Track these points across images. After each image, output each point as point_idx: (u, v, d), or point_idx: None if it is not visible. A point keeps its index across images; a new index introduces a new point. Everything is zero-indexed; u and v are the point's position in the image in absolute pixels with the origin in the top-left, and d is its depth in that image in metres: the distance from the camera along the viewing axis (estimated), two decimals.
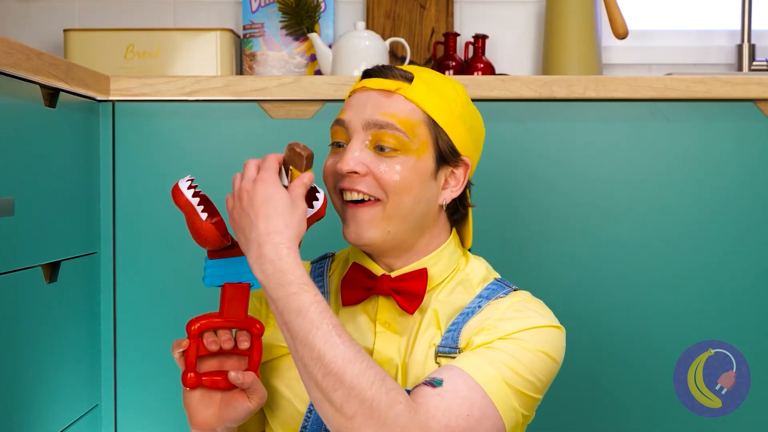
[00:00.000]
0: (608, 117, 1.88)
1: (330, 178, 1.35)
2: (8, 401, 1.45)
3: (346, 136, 1.34)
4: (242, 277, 1.29)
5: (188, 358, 1.28)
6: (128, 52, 2.27)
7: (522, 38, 2.51)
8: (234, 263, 1.29)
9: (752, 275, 1.87)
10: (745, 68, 2.45)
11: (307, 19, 2.37)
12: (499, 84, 1.86)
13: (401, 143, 1.31)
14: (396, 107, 1.33)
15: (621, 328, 1.87)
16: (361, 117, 1.33)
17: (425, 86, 1.35)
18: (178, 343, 1.28)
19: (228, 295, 1.28)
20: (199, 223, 1.25)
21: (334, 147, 1.36)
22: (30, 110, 1.55)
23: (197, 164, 1.87)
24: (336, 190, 1.35)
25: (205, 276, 1.29)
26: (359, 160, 1.31)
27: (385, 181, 1.31)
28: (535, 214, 1.87)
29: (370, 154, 1.32)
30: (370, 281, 1.36)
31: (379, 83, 1.35)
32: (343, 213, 1.34)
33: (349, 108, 1.35)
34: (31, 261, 1.54)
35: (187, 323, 1.27)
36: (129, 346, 1.87)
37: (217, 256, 1.29)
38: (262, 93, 1.86)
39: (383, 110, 1.32)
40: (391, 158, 1.32)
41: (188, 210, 1.26)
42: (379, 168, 1.31)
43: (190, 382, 1.28)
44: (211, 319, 1.28)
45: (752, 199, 1.87)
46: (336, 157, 1.35)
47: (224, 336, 1.29)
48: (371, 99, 1.34)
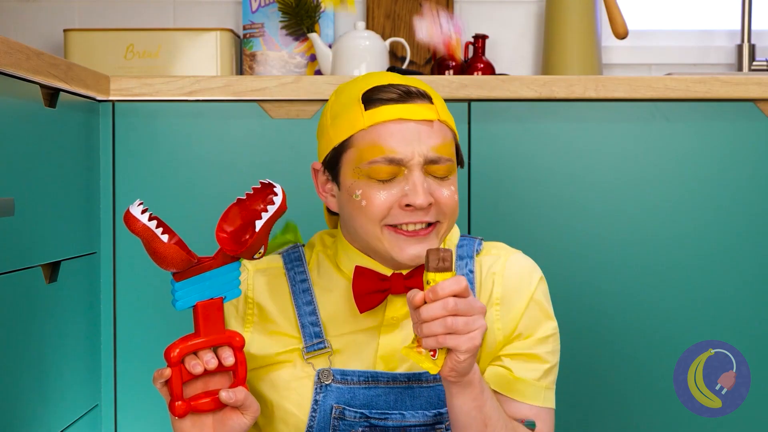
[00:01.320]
0: (608, 117, 1.88)
1: (385, 211, 1.31)
2: (8, 401, 1.45)
3: (396, 170, 1.31)
4: (213, 291, 1.24)
5: (173, 386, 1.23)
6: (128, 52, 2.27)
7: (522, 38, 2.51)
8: (202, 279, 1.24)
9: (752, 275, 1.87)
10: (745, 68, 2.45)
11: (307, 19, 2.37)
12: (499, 84, 1.86)
13: (451, 169, 1.34)
14: (442, 136, 1.33)
15: (621, 328, 1.87)
16: (417, 153, 1.31)
17: (438, 99, 1.37)
18: (160, 373, 1.23)
19: (202, 314, 1.24)
20: (162, 246, 1.19)
21: (381, 181, 1.32)
22: (30, 110, 1.55)
23: (197, 164, 1.87)
24: (384, 222, 1.32)
25: (176, 300, 1.23)
26: (428, 191, 1.31)
27: (448, 206, 1.33)
28: (535, 213, 1.87)
29: (429, 183, 1.32)
30: (383, 283, 1.35)
31: (418, 113, 1.32)
32: (393, 238, 1.33)
33: (398, 144, 1.31)
34: (31, 261, 1.54)
35: (165, 351, 1.23)
36: (129, 346, 1.87)
37: (184, 276, 1.23)
38: (262, 93, 1.86)
39: (435, 143, 1.32)
40: (447, 182, 1.34)
41: (147, 235, 1.19)
42: (442, 194, 1.33)
43: (179, 410, 1.23)
44: (190, 341, 1.23)
45: (752, 198, 1.87)
46: (390, 189, 1.31)
47: (206, 356, 1.24)
48: (419, 132, 1.32)
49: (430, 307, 1.18)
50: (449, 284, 1.18)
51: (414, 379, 1.36)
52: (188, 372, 1.23)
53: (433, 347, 1.19)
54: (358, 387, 1.35)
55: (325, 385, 1.35)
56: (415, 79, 1.39)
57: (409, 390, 1.36)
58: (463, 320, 1.18)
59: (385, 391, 1.36)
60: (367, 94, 1.34)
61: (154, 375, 1.23)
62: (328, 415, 1.35)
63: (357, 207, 1.32)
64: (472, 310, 1.19)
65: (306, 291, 1.40)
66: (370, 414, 1.35)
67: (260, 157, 1.88)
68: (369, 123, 1.32)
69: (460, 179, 1.85)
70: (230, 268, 1.25)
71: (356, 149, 1.32)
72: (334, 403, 1.35)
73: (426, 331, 1.18)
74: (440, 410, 1.37)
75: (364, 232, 1.33)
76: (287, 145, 1.87)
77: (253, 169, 1.87)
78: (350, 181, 1.33)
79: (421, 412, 1.36)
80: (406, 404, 1.36)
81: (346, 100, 1.36)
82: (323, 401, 1.35)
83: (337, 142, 1.34)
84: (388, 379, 1.36)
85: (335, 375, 1.35)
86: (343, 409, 1.35)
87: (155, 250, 1.19)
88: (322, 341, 1.37)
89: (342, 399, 1.35)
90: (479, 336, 1.19)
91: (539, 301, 1.42)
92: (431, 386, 1.37)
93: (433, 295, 1.18)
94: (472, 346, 1.19)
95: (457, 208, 1.36)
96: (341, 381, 1.35)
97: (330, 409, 1.35)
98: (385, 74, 1.37)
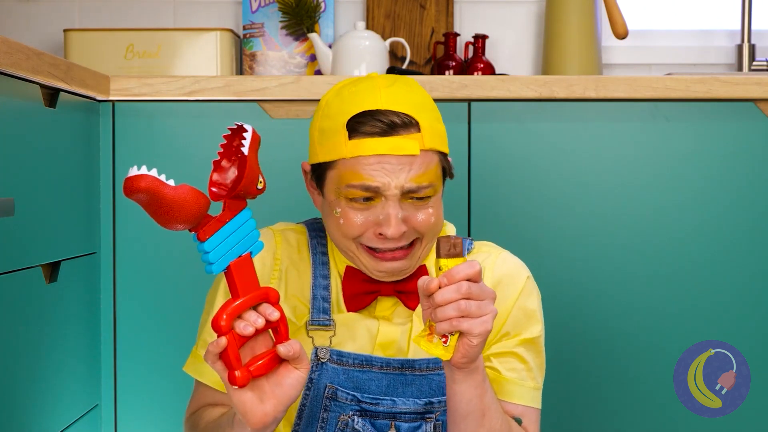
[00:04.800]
0: (608, 117, 1.88)
1: (359, 232, 1.33)
2: (8, 401, 1.45)
3: (373, 196, 1.32)
4: (240, 247, 1.21)
5: (230, 355, 1.17)
6: (128, 52, 2.27)
7: (522, 38, 2.51)
8: (225, 233, 1.19)
9: (752, 275, 1.87)
10: (745, 68, 2.45)
11: (307, 19, 2.37)
12: (499, 84, 1.86)
13: (431, 192, 1.34)
14: (425, 165, 1.32)
15: (621, 328, 1.87)
16: (395, 184, 1.31)
17: (427, 120, 1.33)
18: (216, 344, 1.17)
19: (237, 274, 1.20)
20: (173, 190, 1.12)
21: (358, 203, 1.32)
22: (30, 110, 1.55)
23: (197, 164, 1.87)
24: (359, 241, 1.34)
25: (210, 263, 1.18)
26: (401, 222, 1.31)
27: (424, 227, 1.33)
28: (535, 213, 1.87)
29: (405, 207, 1.32)
30: (371, 285, 1.38)
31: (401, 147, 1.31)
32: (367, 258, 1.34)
33: (377, 174, 1.31)
34: (31, 261, 1.54)
35: (213, 321, 1.17)
36: (129, 346, 1.87)
37: (209, 232, 1.17)
38: (262, 93, 1.86)
39: (415, 174, 1.31)
40: (425, 205, 1.33)
41: (154, 186, 1.11)
42: (417, 219, 1.33)
43: (241, 380, 1.17)
44: (232, 305, 1.18)
45: (752, 198, 1.87)
46: (366, 214, 1.32)
47: (251, 316, 1.20)
48: (401, 166, 1.31)
49: (445, 291, 1.19)
50: (463, 268, 1.19)
51: (407, 366, 1.38)
52: (239, 337, 1.18)
53: (447, 331, 1.19)
54: (353, 369, 1.37)
55: (321, 363, 1.37)
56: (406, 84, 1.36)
57: (402, 377, 1.37)
58: (476, 304, 1.19)
59: (378, 376, 1.37)
60: (352, 123, 1.32)
61: (208, 349, 1.18)
62: (321, 394, 1.37)
63: (335, 222, 1.35)
64: (484, 294, 1.20)
65: (324, 264, 1.42)
66: (361, 398, 1.37)
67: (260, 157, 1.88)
68: (351, 154, 1.32)
69: (459, 179, 1.85)
70: (244, 214, 1.22)
71: (338, 172, 1.33)
72: (328, 382, 1.37)
73: (440, 315, 1.19)
74: (431, 399, 1.38)
75: (342, 245, 1.36)
76: (287, 145, 1.87)
77: None
78: (332, 197, 1.35)
79: (412, 399, 1.37)
80: (398, 391, 1.38)
81: (332, 123, 1.34)
82: (318, 379, 1.37)
83: (322, 160, 1.36)
84: (381, 364, 1.38)
85: (332, 355, 1.37)
86: (336, 389, 1.36)
87: (169, 199, 1.12)
88: (328, 318, 1.39)
89: (336, 379, 1.37)
90: (491, 320, 1.20)
91: (526, 300, 1.42)
92: (424, 375, 1.38)
93: (447, 280, 1.19)
94: (484, 330, 1.20)
95: (439, 222, 1.36)
96: (337, 361, 1.37)
97: (324, 388, 1.37)
98: (375, 90, 1.34)
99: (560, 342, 1.84)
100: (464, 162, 1.86)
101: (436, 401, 1.38)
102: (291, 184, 1.85)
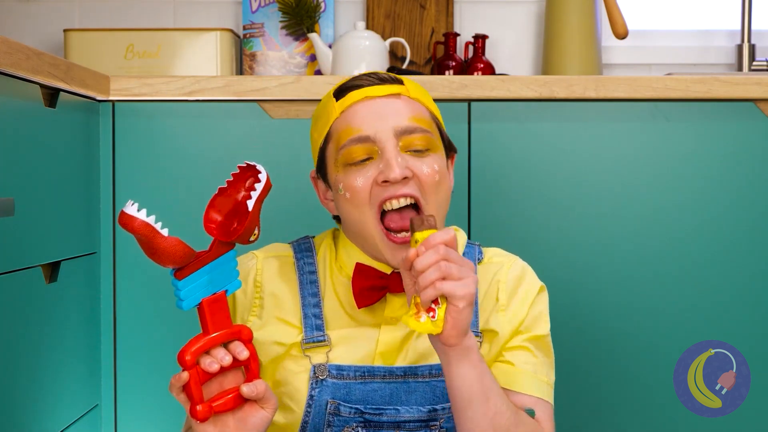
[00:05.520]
0: (608, 117, 1.88)
1: (366, 194, 1.32)
2: (8, 401, 1.45)
3: (370, 150, 1.32)
4: (215, 285, 1.22)
5: (192, 390, 1.19)
6: (128, 52, 2.27)
7: (522, 38, 2.51)
8: (203, 273, 1.21)
9: (752, 275, 1.87)
10: (745, 68, 2.46)
11: (307, 19, 2.37)
12: (499, 84, 1.86)
13: (430, 142, 1.33)
14: (413, 109, 1.33)
15: (621, 328, 1.87)
16: (387, 126, 1.31)
17: (413, 84, 1.38)
18: (177, 377, 1.20)
19: (209, 311, 1.22)
20: (164, 241, 1.16)
21: (356, 165, 1.32)
22: (30, 110, 1.55)
23: (197, 164, 1.87)
24: (374, 207, 1.32)
25: (181, 300, 1.21)
26: (404, 165, 1.31)
27: (427, 181, 1.32)
28: (535, 214, 1.87)
29: (407, 158, 1.32)
30: (382, 281, 1.36)
31: (384, 90, 1.34)
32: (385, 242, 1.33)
33: (364, 121, 1.32)
34: (31, 261, 1.54)
35: (179, 355, 1.19)
36: (129, 346, 1.87)
37: (186, 273, 1.21)
38: (262, 93, 1.86)
39: (407, 114, 1.32)
40: (427, 158, 1.33)
41: (147, 231, 1.16)
42: (422, 170, 1.32)
43: (202, 414, 1.19)
44: (201, 340, 1.21)
45: (752, 198, 1.87)
46: (366, 172, 1.32)
47: (219, 353, 1.22)
48: (386, 106, 1.32)
49: (424, 257, 1.20)
50: (439, 235, 1.21)
51: (410, 374, 1.37)
52: (204, 372, 1.21)
53: (432, 298, 1.20)
54: (354, 382, 1.36)
55: (320, 380, 1.36)
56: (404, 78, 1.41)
57: (405, 384, 1.37)
58: (456, 267, 1.20)
59: (381, 386, 1.36)
60: (339, 87, 1.37)
61: (171, 382, 1.21)
62: (323, 411, 1.35)
63: (345, 201, 1.34)
64: (462, 260, 1.22)
65: (313, 282, 1.40)
66: (364, 409, 1.35)
67: (260, 157, 1.87)
68: (340, 110, 1.34)
69: (459, 179, 1.85)
70: (228, 257, 1.24)
71: (333, 141, 1.35)
72: (330, 398, 1.35)
73: (422, 281, 1.20)
74: (435, 406, 1.37)
75: (360, 224, 1.34)
76: (287, 145, 1.87)
77: None
78: (334, 176, 1.35)
79: (416, 407, 1.36)
80: (401, 399, 1.37)
81: (323, 100, 1.39)
82: (318, 396, 1.35)
83: (320, 141, 1.37)
84: (384, 373, 1.36)
85: (331, 370, 1.36)
86: (338, 404, 1.35)
87: (157, 246, 1.17)
88: (322, 335, 1.37)
89: (337, 394, 1.35)
90: (473, 284, 1.20)
91: (540, 300, 1.44)
92: (427, 381, 1.37)
93: (425, 247, 1.20)
94: (467, 293, 1.20)
95: (445, 187, 1.35)
96: (337, 376, 1.36)
97: (325, 404, 1.35)
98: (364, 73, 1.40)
99: (559, 342, 1.84)
100: (464, 162, 1.86)
101: (440, 408, 1.37)
102: (291, 185, 1.85)
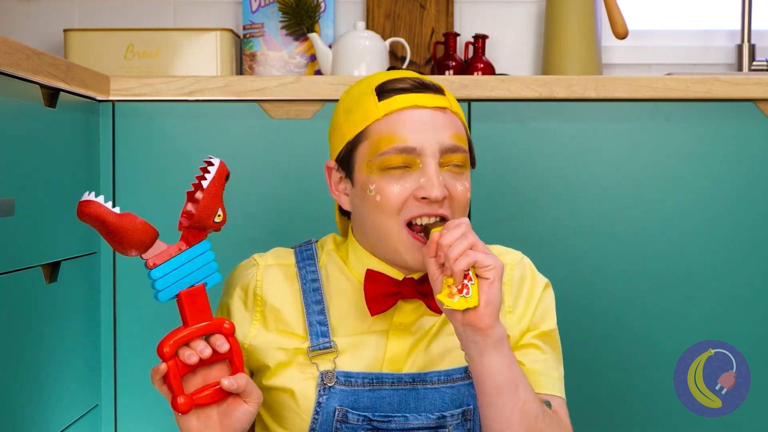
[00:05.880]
0: (608, 117, 1.88)
1: (399, 204, 1.30)
2: (8, 401, 1.45)
3: (410, 160, 1.30)
4: (193, 277, 1.23)
5: (172, 382, 1.20)
6: (128, 52, 2.27)
7: (522, 38, 2.51)
8: (177, 262, 1.22)
9: (752, 275, 1.87)
10: (745, 68, 2.46)
11: (307, 19, 2.37)
12: (499, 84, 1.86)
13: (465, 161, 1.34)
14: (455, 126, 1.33)
15: (621, 328, 1.87)
16: (433, 141, 1.30)
17: (451, 95, 1.37)
18: (156, 369, 1.21)
19: (187, 303, 1.22)
20: (117, 218, 1.16)
21: (394, 170, 1.30)
22: (30, 110, 1.55)
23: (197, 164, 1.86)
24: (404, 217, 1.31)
25: (158, 291, 1.21)
26: (443, 184, 1.30)
27: (461, 203, 1.33)
28: (535, 213, 1.87)
29: (444, 176, 1.31)
30: (394, 287, 1.34)
31: (431, 100, 1.32)
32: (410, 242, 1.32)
33: (411, 132, 1.30)
34: (31, 261, 1.54)
35: (158, 347, 1.20)
36: (129, 346, 1.87)
37: (157, 261, 1.21)
38: (262, 93, 1.86)
39: (450, 132, 1.31)
40: (462, 176, 1.33)
41: (99, 213, 1.16)
42: (456, 189, 1.32)
43: (183, 406, 1.20)
44: (180, 333, 1.22)
45: (752, 198, 1.87)
46: (404, 182, 1.30)
47: (199, 345, 1.22)
48: (433, 120, 1.31)
49: (450, 232, 1.24)
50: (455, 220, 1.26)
51: (419, 380, 1.36)
52: (184, 364, 1.21)
53: (464, 269, 1.22)
54: (362, 389, 1.34)
55: (328, 387, 1.34)
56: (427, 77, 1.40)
57: (414, 391, 1.35)
58: (480, 243, 1.24)
59: (389, 393, 1.35)
60: (381, 85, 1.34)
61: (151, 373, 1.22)
62: (330, 418, 1.34)
63: (371, 203, 1.32)
64: None
65: (316, 290, 1.39)
66: (373, 416, 1.34)
67: (260, 157, 1.88)
68: (383, 112, 1.31)
69: None
70: (200, 247, 1.24)
71: (370, 141, 1.31)
72: (338, 405, 1.34)
73: (452, 253, 1.22)
74: (443, 413, 1.36)
75: (381, 228, 1.32)
76: (287, 145, 1.87)
77: (253, 169, 1.87)
78: (364, 176, 1.32)
79: (425, 414, 1.35)
80: (410, 406, 1.35)
81: (358, 94, 1.36)
82: (326, 403, 1.34)
83: (351, 136, 1.33)
84: (393, 380, 1.35)
85: (339, 377, 1.34)
86: (346, 411, 1.34)
87: (111, 225, 1.16)
88: (328, 341, 1.35)
89: (345, 401, 1.34)
90: (498, 260, 1.24)
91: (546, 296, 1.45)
92: (436, 388, 1.36)
93: (446, 228, 1.25)
94: (496, 262, 1.23)
95: (468, 208, 1.36)
96: (345, 383, 1.34)
97: (333, 411, 1.34)
98: (395, 71, 1.38)
99: None
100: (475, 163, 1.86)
101: (449, 414, 1.36)
102: (291, 185, 1.85)
